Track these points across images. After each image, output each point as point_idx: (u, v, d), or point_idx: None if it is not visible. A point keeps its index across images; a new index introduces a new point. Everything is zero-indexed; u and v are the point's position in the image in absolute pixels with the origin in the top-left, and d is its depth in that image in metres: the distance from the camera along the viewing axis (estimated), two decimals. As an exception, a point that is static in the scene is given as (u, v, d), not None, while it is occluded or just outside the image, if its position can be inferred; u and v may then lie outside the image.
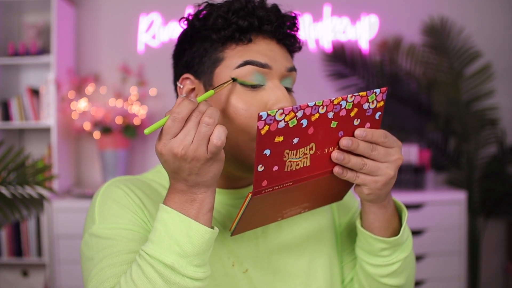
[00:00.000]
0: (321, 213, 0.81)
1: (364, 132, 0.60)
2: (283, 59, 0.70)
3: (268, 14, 0.68)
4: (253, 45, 0.68)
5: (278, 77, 0.69)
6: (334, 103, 0.57)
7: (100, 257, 0.64)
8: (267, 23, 0.68)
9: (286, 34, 0.71)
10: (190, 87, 0.71)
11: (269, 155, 0.56)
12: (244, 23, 0.67)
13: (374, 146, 0.61)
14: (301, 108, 0.55)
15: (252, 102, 0.66)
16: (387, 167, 0.62)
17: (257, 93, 0.67)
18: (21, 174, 1.51)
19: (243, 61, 0.67)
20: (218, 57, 0.68)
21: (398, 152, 0.63)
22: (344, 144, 0.60)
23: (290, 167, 0.58)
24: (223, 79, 0.67)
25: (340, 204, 0.85)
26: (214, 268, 0.70)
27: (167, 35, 2.64)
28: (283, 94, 0.67)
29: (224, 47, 0.68)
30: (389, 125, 2.70)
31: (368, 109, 0.60)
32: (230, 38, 0.68)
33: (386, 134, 0.62)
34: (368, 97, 0.59)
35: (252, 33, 0.68)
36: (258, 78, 0.67)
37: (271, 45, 0.69)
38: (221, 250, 0.71)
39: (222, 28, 0.68)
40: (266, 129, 0.53)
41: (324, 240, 0.79)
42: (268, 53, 0.68)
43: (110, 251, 0.64)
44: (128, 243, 0.65)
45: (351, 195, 0.87)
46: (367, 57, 2.68)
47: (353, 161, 0.61)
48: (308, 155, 0.59)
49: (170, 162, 0.58)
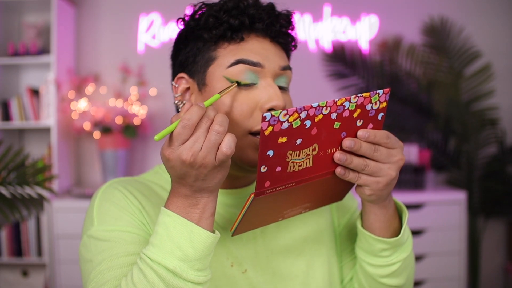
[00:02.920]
0: (319, 214, 0.81)
1: (366, 133, 0.60)
2: (277, 58, 0.70)
3: (259, 12, 0.69)
4: (246, 43, 0.68)
5: (271, 76, 0.69)
6: (338, 104, 0.57)
7: (99, 260, 0.64)
8: (258, 21, 0.69)
9: (280, 32, 0.71)
10: (185, 86, 0.72)
11: (272, 156, 0.56)
12: (235, 21, 0.68)
13: (377, 147, 0.61)
14: (305, 109, 0.55)
15: (244, 100, 0.67)
16: (389, 168, 0.62)
17: (250, 91, 0.68)
18: (21, 174, 1.51)
19: (235, 60, 0.67)
20: (211, 56, 0.69)
21: (400, 153, 0.63)
22: (347, 145, 0.60)
23: (293, 168, 0.58)
24: (216, 78, 0.68)
25: (339, 204, 0.85)
26: (213, 268, 0.70)
27: (167, 35, 2.64)
28: (275, 92, 0.67)
29: (217, 46, 0.69)
30: (389, 125, 2.70)
31: (371, 110, 0.60)
32: (222, 37, 0.68)
33: (389, 135, 0.62)
34: (371, 98, 0.59)
35: (244, 31, 0.69)
36: (250, 77, 0.67)
37: (264, 44, 0.70)
38: (220, 251, 0.71)
39: (213, 27, 0.68)
40: (270, 130, 0.53)
41: (322, 240, 0.79)
42: (260, 52, 0.68)
43: (109, 254, 0.64)
44: (127, 245, 0.64)
45: (350, 195, 0.86)
46: (367, 57, 2.68)
47: (355, 162, 0.61)
48: (311, 156, 0.59)
49: (178, 168, 0.57)
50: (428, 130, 2.68)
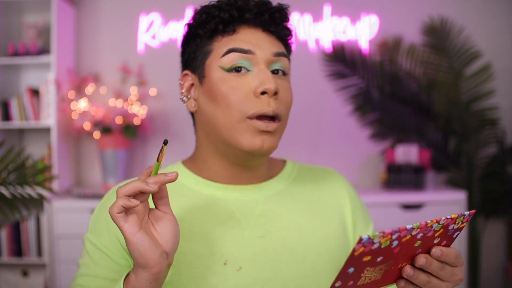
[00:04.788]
0: (330, 223, 0.80)
1: (440, 252, 0.59)
2: (269, 45, 0.73)
3: (247, 4, 0.72)
4: (238, 34, 0.73)
5: (264, 62, 0.72)
6: (428, 226, 0.56)
7: (81, 271, 0.73)
8: (247, 12, 0.72)
9: (270, 21, 0.74)
10: (189, 83, 0.77)
11: (352, 272, 0.55)
12: (225, 15, 0.72)
13: (444, 265, 0.60)
14: (400, 231, 0.54)
15: (238, 86, 0.71)
16: (447, 286, 0.61)
17: (243, 78, 0.71)
18: (21, 174, 1.51)
19: (227, 49, 0.72)
20: (207, 50, 0.74)
21: (461, 271, 0.62)
22: (421, 263, 0.59)
23: (363, 281, 0.58)
24: (212, 68, 0.72)
25: (357, 226, 0.84)
26: (205, 267, 0.70)
27: (167, 35, 2.64)
28: (266, 76, 0.70)
29: (212, 40, 0.74)
30: (389, 125, 2.70)
31: (452, 230, 0.60)
32: (215, 30, 0.73)
33: (457, 254, 0.61)
34: (457, 219, 0.59)
35: (235, 24, 0.73)
36: (244, 63, 0.71)
37: (255, 34, 0.73)
38: (214, 250, 0.71)
39: (206, 22, 0.73)
40: (361, 250, 0.53)
41: (330, 248, 0.77)
42: (252, 41, 0.72)
43: (87, 271, 0.72)
44: (103, 270, 0.71)
45: (367, 213, 0.87)
46: (367, 57, 2.68)
47: (420, 278, 0.60)
48: (383, 270, 0.59)
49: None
50: (428, 130, 2.68)
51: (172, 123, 2.69)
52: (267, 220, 0.75)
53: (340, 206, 0.83)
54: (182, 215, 0.74)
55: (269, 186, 0.80)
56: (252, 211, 0.76)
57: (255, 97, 0.70)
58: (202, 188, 0.77)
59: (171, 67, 2.89)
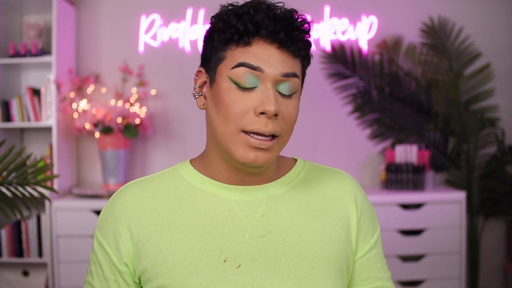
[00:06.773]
0: (332, 225, 0.80)
1: None
2: (280, 64, 0.71)
3: (264, 20, 0.70)
4: (251, 48, 0.71)
5: (271, 81, 0.71)
6: None
7: (87, 278, 0.82)
8: (263, 28, 0.70)
9: (286, 40, 0.71)
10: (203, 80, 0.78)
11: None
12: (241, 27, 0.70)
13: None
14: None
15: (241, 101, 0.71)
16: None
17: (248, 93, 0.71)
18: (22, 173, 1.51)
19: (238, 63, 0.71)
20: (221, 56, 0.74)
21: None
22: None
23: None
24: (222, 76, 0.73)
25: (363, 229, 0.83)
26: (205, 264, 0.72)
27: (168, 35, 2.65)
28: (268, 97, 0.70)
29: (226, 47, 0.73)
30: (389, 125, 2.71)
31: None
32: (230, 40, 0.72)
33: None
34: None
35: (250, 36, 0.71)
36: (251, 80, 0.71)
37: (269, 50, 0.71)
38: (215, 248, 0.73)
39: (222, 30, 0.72)
40: None
41: (330, 250, 0.77)
42: (263, 57, 0.71)
43: (91, 278, 0.80)
44: (100, 281, 0.78)
45: (375, 218, 0.86)
46: (366, 57, 2.69)
47: None
48: None
49: None
50: (427, 130, 2.69)
51: (172, 123, 2.70)
52: (269, 220, 0.76)
53: (346, 208, 0.82)
54: (185, 212, 0.76)
55: (273, 187, 0.80)
56: (254, 212, 0.76)
57: (255, 115, 0.70)
58: (207, 187, 0.79)
59: (171, 67, 2.91)
